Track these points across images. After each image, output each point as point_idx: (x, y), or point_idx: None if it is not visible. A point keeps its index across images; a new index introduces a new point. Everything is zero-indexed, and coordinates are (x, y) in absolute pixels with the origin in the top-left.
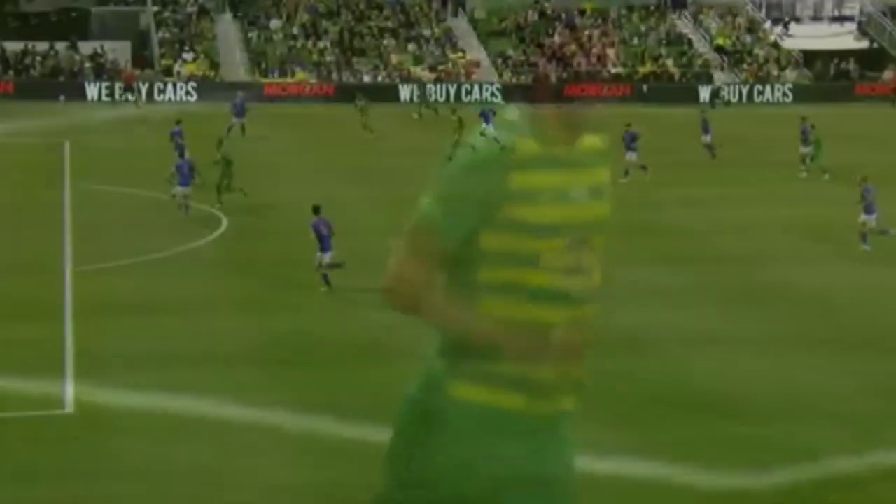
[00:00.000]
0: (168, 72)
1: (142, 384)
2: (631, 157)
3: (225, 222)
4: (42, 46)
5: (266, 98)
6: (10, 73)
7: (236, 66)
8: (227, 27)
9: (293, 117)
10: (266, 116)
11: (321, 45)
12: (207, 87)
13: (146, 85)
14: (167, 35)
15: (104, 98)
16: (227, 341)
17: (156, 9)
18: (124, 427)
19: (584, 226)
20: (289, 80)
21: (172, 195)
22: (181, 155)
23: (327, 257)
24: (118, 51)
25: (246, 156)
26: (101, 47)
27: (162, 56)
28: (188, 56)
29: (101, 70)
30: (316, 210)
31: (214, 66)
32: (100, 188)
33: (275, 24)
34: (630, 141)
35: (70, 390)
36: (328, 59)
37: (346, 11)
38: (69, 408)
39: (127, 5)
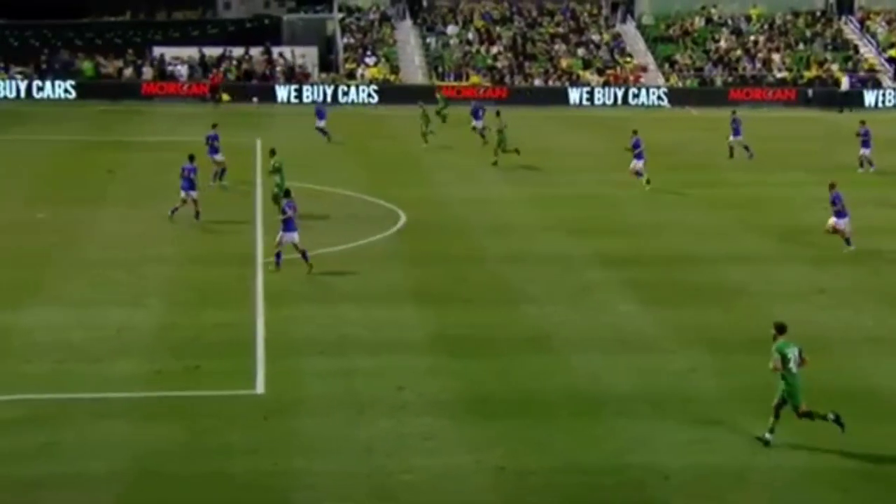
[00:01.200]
0: (351, 75)
1: (325, 368)
2: (637, 164)
3: (403, 218)
4: (238, 51)
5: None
6: (208, 76)
7: (415, 70)
8: (406, 33)
9: (468, 119)
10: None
11: (495, 50)
12: (388, 89)
13: (331, 87)
14: (351, 41)
15: (293, 100)
16: (403, 330)
17: (341, 16)
18: (309, 407)
19: None
20: (463, 83)
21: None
22: (190, 159)
23: (295, 237)
24: (306, 55)
25: (418, 155)
26: (292, 52)
27: (346, 60)
28: (370, 60)
29: (291, 73)
30: (287, 193)
31: (394, 69)
32: (288, 185)
33: (451, 30)
34: (636, 148)
35: (260, 372)
36: (501, 63)
37: (519, 18)
38: (259, 388)
39: (315, 13)
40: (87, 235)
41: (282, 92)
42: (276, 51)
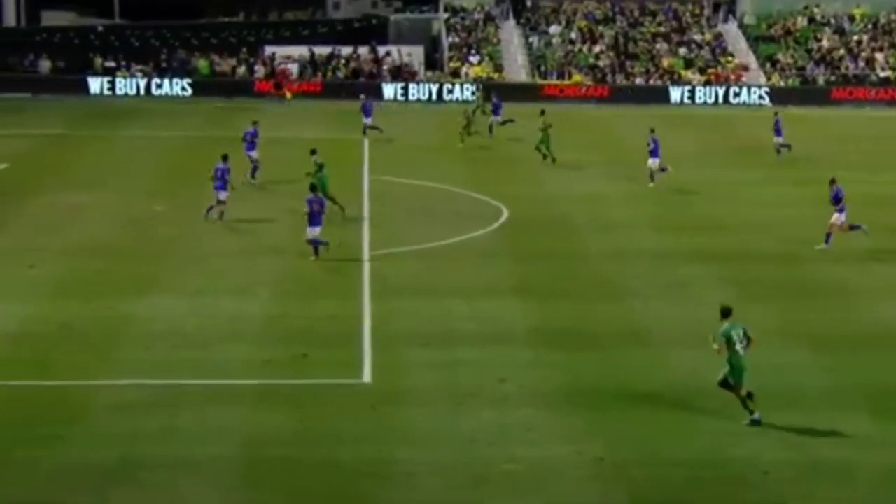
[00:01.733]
0: (455, 74)
1: (429, 359)
2: (653, 162)
3: (505, 213)
4: (346, 50)
5: (545, 98)
6: (319, 74)
7: (518, 69)
8: (510, 33)
9: (569, 117)
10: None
11: (597, 49)
12: (491, 88)
13: (436, 85)
14: (456, 40)
15: (399, 97)
16: (505, 324)
17: (446, 16)
18: (414, 398)
19: None
20: (566, 82)
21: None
22: (224, 159)
23: (317, 231)
24: (413, 54)
25: (519, 152)
26: (398, 51)
27: (450, 59)
28: (474, 59)
29: (398, 72)
30: (312, 188)
31: (498, 68)
32: (393, 180)
33: (554, 29)
34: (652, 146)
35: (367, 362)
36: (603, 62)
37: (622, 18)
38: (366, 378)
39: (421, 13)
40: (202, 228)
41: (388, 90)
42: (382, 50)
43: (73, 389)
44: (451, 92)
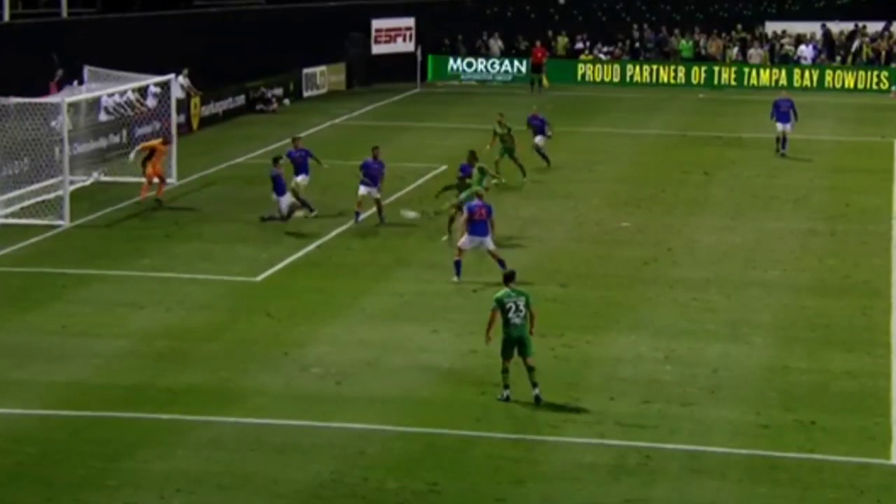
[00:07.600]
0: None
1: None
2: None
3: None
4: (875, 26)
5: None
6: (836, 58)
7: None
8: None
9: None
10: None
11: None
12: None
13: None
14: None
15: None
16: None
17: None
18: None
19: None
20: None
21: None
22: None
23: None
24: None
25: None
26: None
27: None
28: None
29: None
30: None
31: None
32: None
33: None
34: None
35: None
36: None
37: None
38: (895, 458)
39: None
40: (679, 251)
41: None
42: None
43: (524, 443)
44: None
